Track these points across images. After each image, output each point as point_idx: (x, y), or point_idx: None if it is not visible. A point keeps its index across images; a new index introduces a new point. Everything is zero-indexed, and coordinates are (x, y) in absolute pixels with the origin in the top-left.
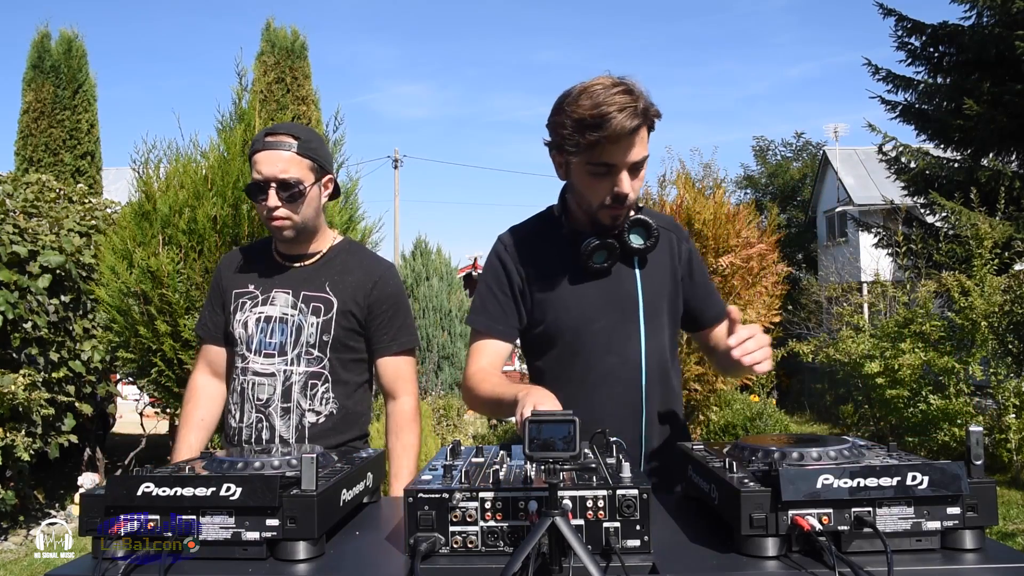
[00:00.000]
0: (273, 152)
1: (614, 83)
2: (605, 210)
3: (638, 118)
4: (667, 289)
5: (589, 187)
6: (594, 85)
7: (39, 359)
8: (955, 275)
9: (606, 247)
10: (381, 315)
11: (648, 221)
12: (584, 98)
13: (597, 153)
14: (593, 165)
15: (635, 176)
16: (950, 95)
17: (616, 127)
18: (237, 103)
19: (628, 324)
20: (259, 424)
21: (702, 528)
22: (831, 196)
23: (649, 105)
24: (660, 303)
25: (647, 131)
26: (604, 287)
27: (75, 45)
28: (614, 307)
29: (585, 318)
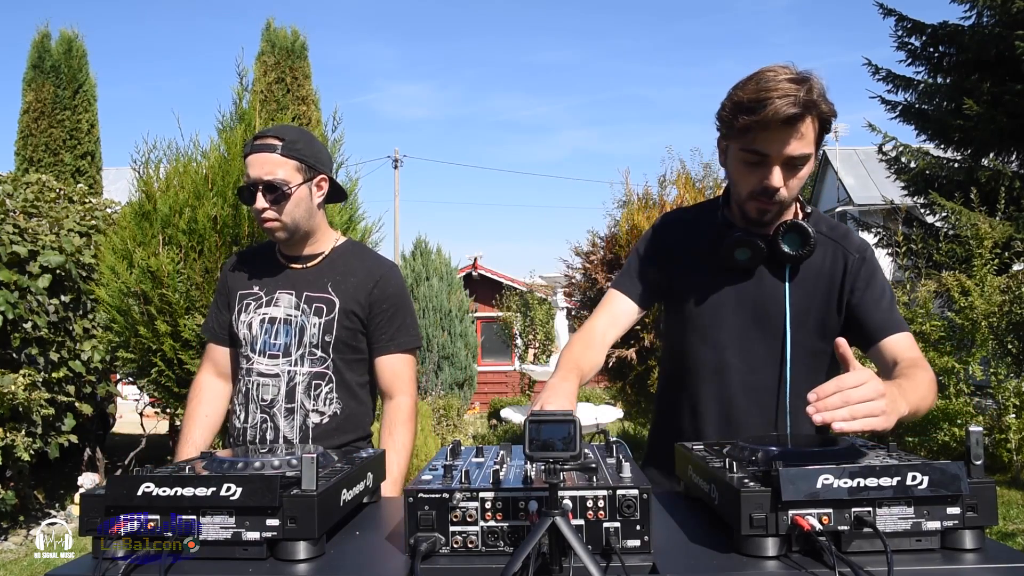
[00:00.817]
0: (259, 155)
1: (786, 71)
2: (752, 201)
3: (797, 108)
4: (818, 303)
5: (740, 175)
6: (766, 71)
7: (39, 359)
8: (955, 275)
9: (750, 245)
10: (381, 315)
11: (805, 227)
12: (751, 82)
13: (750, 139)
14: (746, 152)
15: (791, 172)
16: (950, 95)
17: (769, 112)
18: (237, 103)
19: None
20: (263, 424)
21: (702, 528)
22: (831, 196)
23: (817, 100)
24: (809, 319)
25: (813, 128)
26: (742, 287)
27: (75, 45)
28: (748, 309)
29: (713, 313)
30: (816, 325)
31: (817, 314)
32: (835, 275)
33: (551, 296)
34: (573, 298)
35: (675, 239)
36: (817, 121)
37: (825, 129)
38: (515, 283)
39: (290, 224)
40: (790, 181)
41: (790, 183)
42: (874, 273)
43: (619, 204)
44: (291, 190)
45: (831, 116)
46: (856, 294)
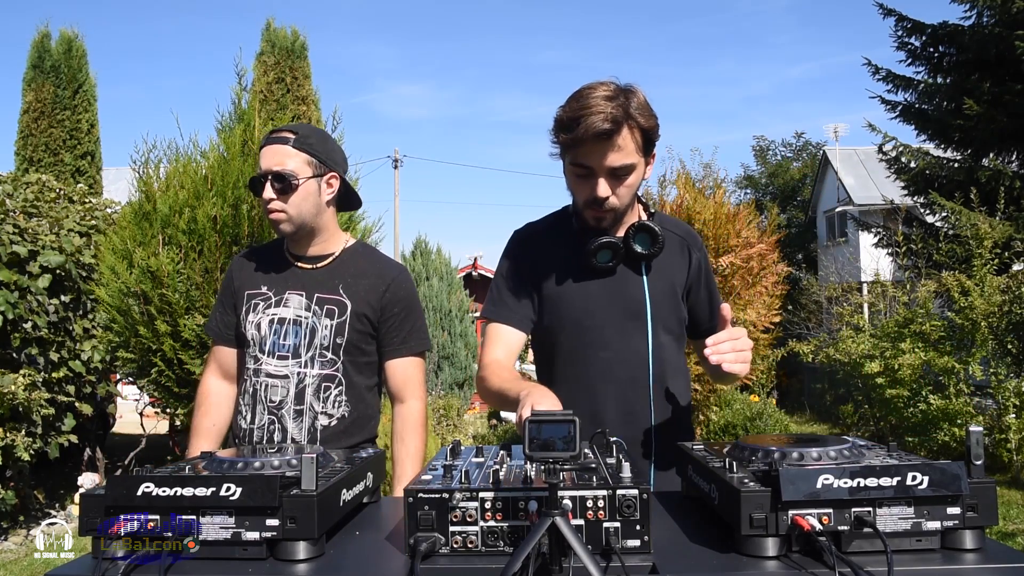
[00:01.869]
0: (272, 146)
1: (605, 88)
2: (588, 210)
3: (609, 123)
4: (674, 295)
5: (573, 186)
6: (584, 88)
7: (39, 359)
8: (955, 275)
9: (611, 247)
10: (392, 318)
11: (653, 228)
12: (572, 100)
13: (574, 154)
14: (574, 165)
15: (617, 181)
16: (950, 95)
17: (581, 130)
18: (237, 103)
19: (634, 325)
20: (271, 426)
21: (702, 528)
22: (831, 196)
23: (633, 112)
24: (667, 308)
25: (632, 139)
26: (609, 286)
27: (75, 45)
28: (618, 307)
29: (587, 314)
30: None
31: (671, 304)
32: (683, 269)
33: None
34: None
35: (536, 251)
36: (637, 131)
37: (649, 138)
38: None
39: (295, 217)
40: (618, 190)
41: (618, 191)
42: (709, 271)
43: None
44: (298, 182)
45: (651, 126)
46: (696, 291)
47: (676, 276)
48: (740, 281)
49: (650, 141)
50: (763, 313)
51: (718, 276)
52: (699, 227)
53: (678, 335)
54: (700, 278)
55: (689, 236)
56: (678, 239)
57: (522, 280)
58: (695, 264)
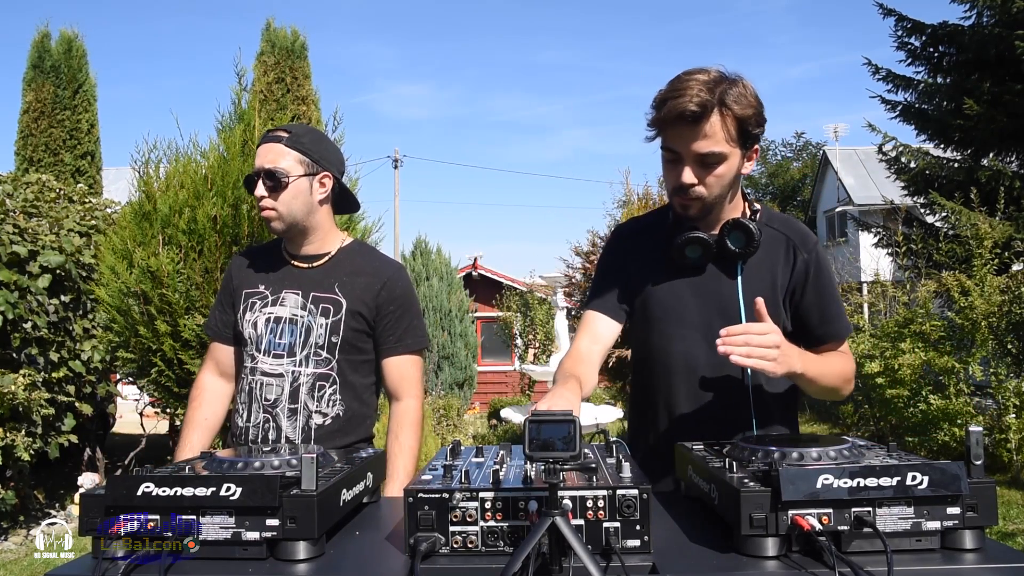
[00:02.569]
0: (265, 145)
1: (705, 73)
2: (675, 197)
3: (695, 106)
4: (773, 299)
5: (664, 172)
6: (687, 71)
7: (39, 359)
8: (955, 275)
9: (700, 243)
10: (388, 316)
11: (748, 225)
12: (672, 81)
13: (664, 136)
14: (663, 149)
15: (705, 170)
16: (950, 95)
17: (667, 111)
18: (237, 103)
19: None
20: (266, 424)
21: (702, 528)
22: (831, 196)
23: (728, 100)
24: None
25: (723, 128)
26: (698, 285)
27: (75, 45)
28: (709, 307)
29: (676, 309)
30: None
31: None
32: (784, 272)
33: (551, 296)
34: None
35: (630, 246)
36: (731, 119)
37: (744, 128)
38: (515, 283)
39: (286, 215)
40: (706, 179)
41: (707, 181)
42: (820, 274)
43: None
44: (289, 179)
45: (747, 116)
46: (802, 296)
47: (777, 279)
48: None
49: (746, 132)
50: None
51: None
52: None
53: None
54: (807, 282)
55: (799, 236)
56: (784, 238)
57: (617, 273)
58: (800, 266)
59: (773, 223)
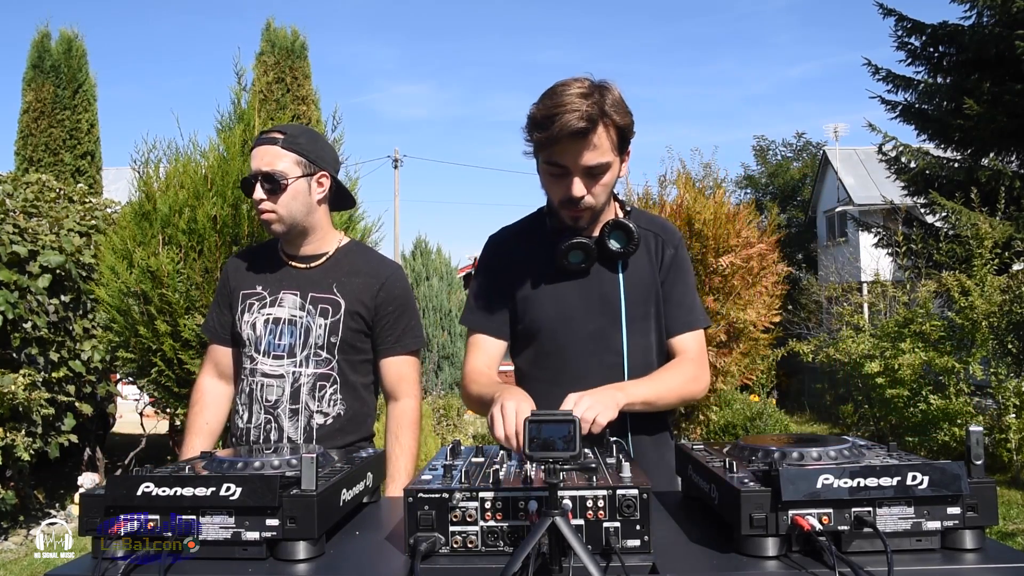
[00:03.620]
0: (261, 147)
1: (580, 85)
2: (564, 210)
3: (584, 122)
4: (651, 292)
5: (547, 186)
6: (558, 86)
7: (39, 359)
8: (955, 275)
9: (582, 247)
10: (387, 316)
11: (628, 225)
12: (545, 97)
13: (548, 153)
14: (547, 164)
15: (593, 180)
16: (950, 95)
17: (557, 128)
18: (237, 103)
19: (609, 325)
20: (267, 425)
21: (702, 528)
22: (831, 196)
23: (608, 110)
24: (645, 306)
25: (608, 137)
26: (582, 287)
27: (75, 45)
28: (592, 307)
29: (561, 316)
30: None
31: (648, 302)
32: (655, 264)
33: None
34: None
35: (510, 255)
36: (612, 129)
37: (624, 135)
38: None
39: (286, 216)
40: (593, 188)
41: (594, 190)
42: (681, 267)
43: None
44: (287, 181)
45: (626, 124)
46: (665, 286)
47: (649, 272)
48: (740, 281)
49: (625, 139)
50: (763, 313)
51: (718, 276)
52: (699, 227)
53: (659, 334)
54: (670, 274)
55: (664, 231)
56: (652, 235)
57: (497, 286)
58: (667, 260)
59: (642, 222)
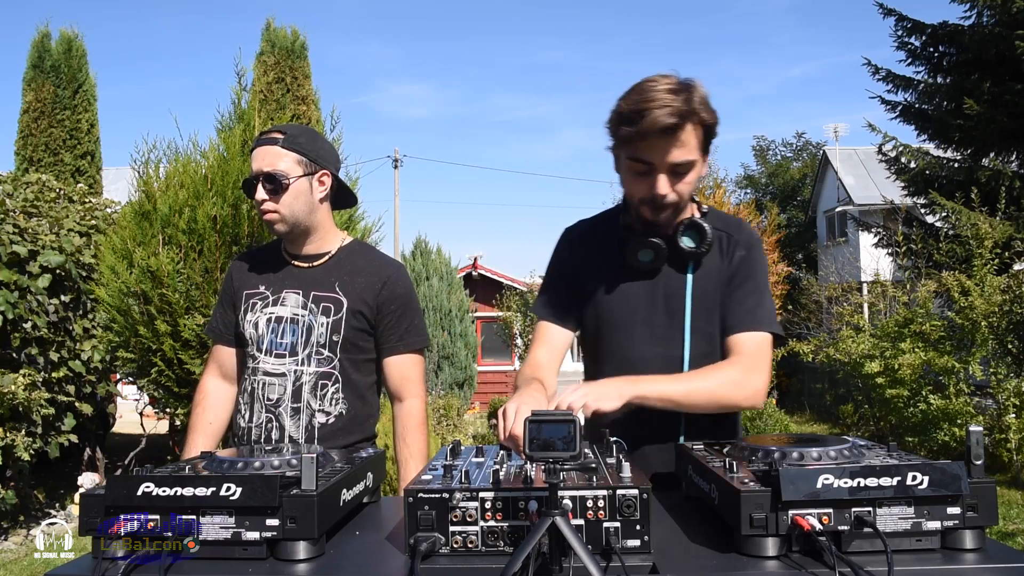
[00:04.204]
0: (262, 148)
1: (668, 81)
2: (645, 207)
3: (674, 118)
4: (717, 294)
5: (629, 183)
6: (647, 81)
7: (39, 359)
8: (955, 275)
9: (652, 246)
10: (389, 315)
11: (702, 225)
12: (633, 92)
13: (634, 148)
14: (632, 161)
15: (677, 178)
16: (950, 95)
17: (647, 123)
18: (237, 103)
19: (673, 326)
20: (269, 424)
21: (702, 528)
22: (831, 196)
23: (696, 108)
24: (711, 308)
25: (695, 135)
26: (650, 286)
27: (75, 45)
28: (657, 307)
29: (626, 315)
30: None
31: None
32: (723, 267)
33: None
34: None
35: (581, 250)
36: (699, 128)
37: (709, 135)
38: (515, 283)
39: (288, 216)
40: (677, 186)
41: (678, 188)
42: (751, 268)
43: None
44: (289, 181)
45: (713, 123)
46: (731, 287)
47: (718, 273)
48: None
49: (709, 138)
50: None
51: None
52: None
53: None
54: (736, 275)
55: (738, 231)
56: (725, 236)
57: (566, 278)
58: (736, 260)
59: (717, 222)
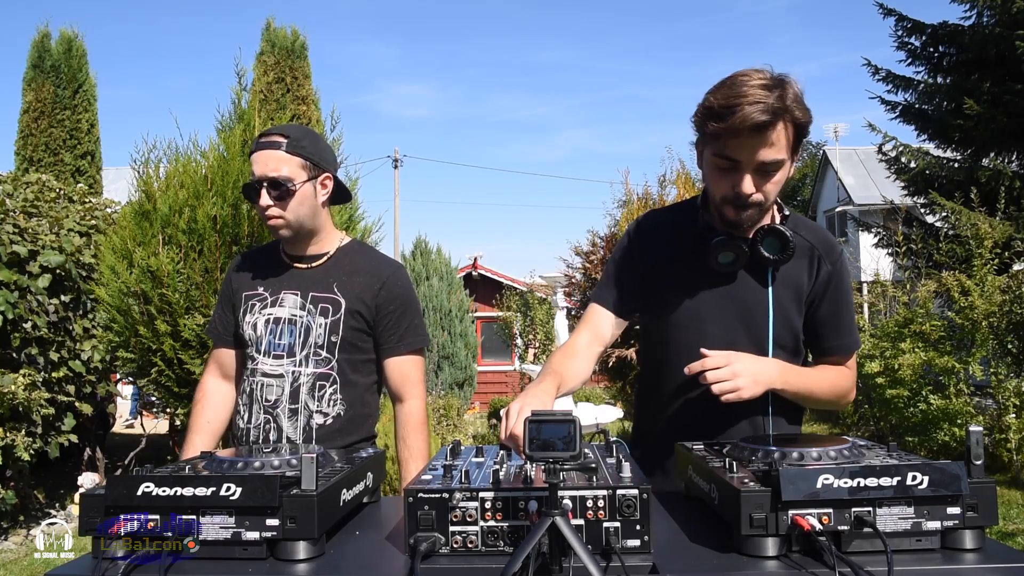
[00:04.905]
0: (264, 152)
1: (760, 76)
2: (728, 206)
3: (766, 115)
4: (797, 308)
5: (714, 179)
6: (739, 75)
7: (39, 359)
8: (955, 275)
9: (734, 248)
10: (389, 315)
11: (783, 232)
12: (724, 87)
13: (721, 145)
14: (718, 157)
15: (764, 178)
16: (950, 95)
17: (738, 120)
18: (237, 103)
19: (745, 335)
20: (267, 425)
21: (702, 528)
22: (831, 196)
23: (790, 105)
24: (792, 323)
25: (786, 134)
26: (726, 292)
27: (75, 45)
28: (729, 313)
29: (695, 318)
30: (791, 328)
31: (792, 317)
32: (809, 282)
33: (551, 296)
34: (573, 298)
35: (654, 243)
36: (791, 127)
37: (801, 134)
38: (515, 283)
39: (294, 222)
40: (764, 186)
41: (764, 188)
42: (840, 285)
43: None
44: (295, 187)
45: (806, 122)
46: (821, 307)
47: (803, 288)
48: None
49: (800, 138)
50: None
51: None
52: None
53: (794, 351)
54: (826, 293)
55: (824, 244)
56: (809, 247)
57: (632, 269)
58: (823, 276)
59: (800, 230)
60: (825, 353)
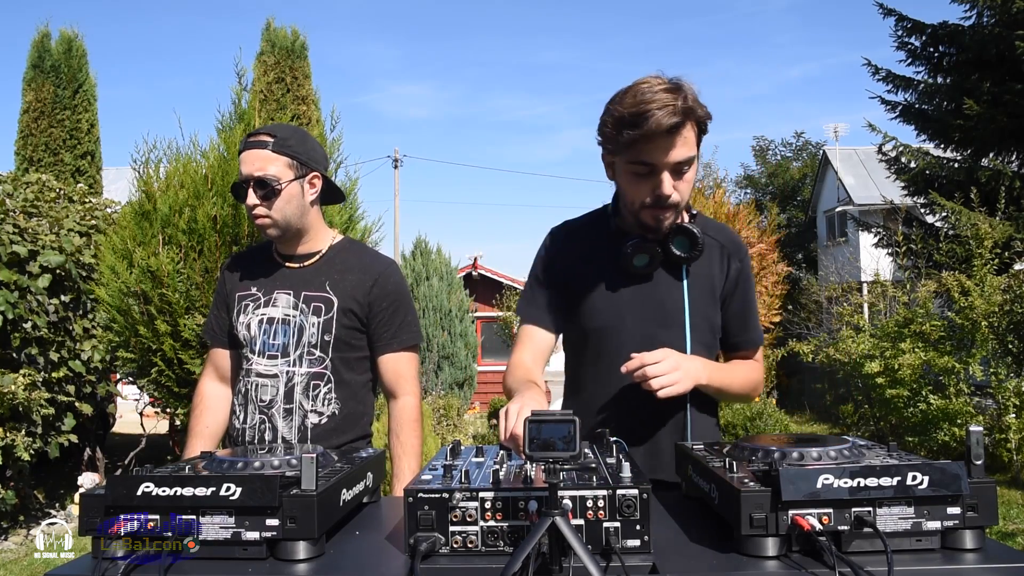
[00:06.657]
0: (250, 151)
1: (660, 82)
2: (647, 210)
3: (677, 116)
4: (714, 304)
5: (631, 187)
6: (640, 84)
7: (39, 359)
8: (955, 275)
9: (648, 250)
10: (381, 312)
11: (692, 230)
12: (628, 96)
13: (636, 152)
14: (634, 164)
15: (679, 177)
16: (950, 95)
17: (652, 125)
18: (237, 103)
19: (665, 332)
20: (262, 425)
21: (702, 528)
22: (831, 196)
23: (694, 105)
24: (708, 317)
25: (693, 132)
26: (643, 292)
27: (75, 45)
28: (649, 312)
29: (616, 319)
30: (709, 323)
31: (708, 312)
32: (719, 277)
33: None
34: None
35: (570, 250)
36: (695, 125)
37: (703, 131)
38: (515, 283)
39: (281, 221)
40: (679, 186)
41: (680, 187)
42: (747, 282)
43: None
44: (281, 186)
45: (707, 119)
46: (732, 304)
47: (715, 285)
48: None
49: (702, 135)
50: (763, 313)
51: None
52: None
53: (711, 346)
54: (735, 289)
55: (731, 243)
56: (718, 245)
57: (554, 280)
58: (733, 274)
59: (708, 229)
60: (735, 348)
